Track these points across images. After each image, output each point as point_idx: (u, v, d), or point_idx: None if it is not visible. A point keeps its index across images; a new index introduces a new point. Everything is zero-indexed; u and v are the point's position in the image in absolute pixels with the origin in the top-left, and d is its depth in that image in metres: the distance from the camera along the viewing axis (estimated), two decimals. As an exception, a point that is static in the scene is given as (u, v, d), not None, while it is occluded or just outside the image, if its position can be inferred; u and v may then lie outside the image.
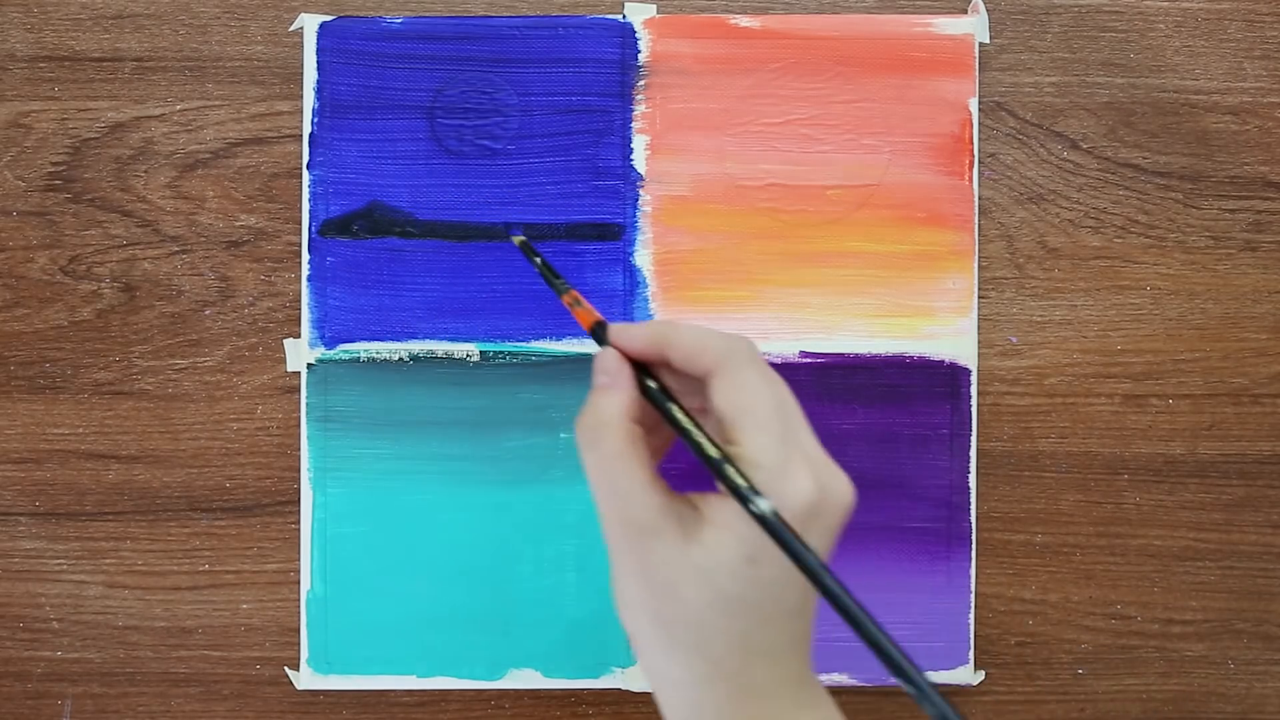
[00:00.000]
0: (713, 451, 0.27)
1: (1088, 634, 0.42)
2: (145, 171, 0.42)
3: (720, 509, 0.27)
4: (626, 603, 0.29)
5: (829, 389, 0.41)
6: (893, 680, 0.41)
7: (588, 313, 0.32)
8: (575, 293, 0.33)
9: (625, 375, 0.29)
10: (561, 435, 0.41)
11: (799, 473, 0.27)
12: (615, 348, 0.30)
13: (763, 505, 0.26)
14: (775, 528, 0.25)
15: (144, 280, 0.42)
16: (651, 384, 0.29)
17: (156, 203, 0.42)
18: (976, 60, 0.41)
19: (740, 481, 0.26)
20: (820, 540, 0.27)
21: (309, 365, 0.41)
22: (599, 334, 0.30)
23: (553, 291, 0.34)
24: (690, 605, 0.27)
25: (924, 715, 0.42)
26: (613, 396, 0.29)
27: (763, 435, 0.27)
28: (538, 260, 0.35)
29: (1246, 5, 0.42)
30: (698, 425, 0.28)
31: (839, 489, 0.28)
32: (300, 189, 0.42)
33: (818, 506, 0.27)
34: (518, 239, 0.38)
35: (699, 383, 0.29)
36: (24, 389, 0.42)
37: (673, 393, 0.29)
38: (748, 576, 0.27)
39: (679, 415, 0.28)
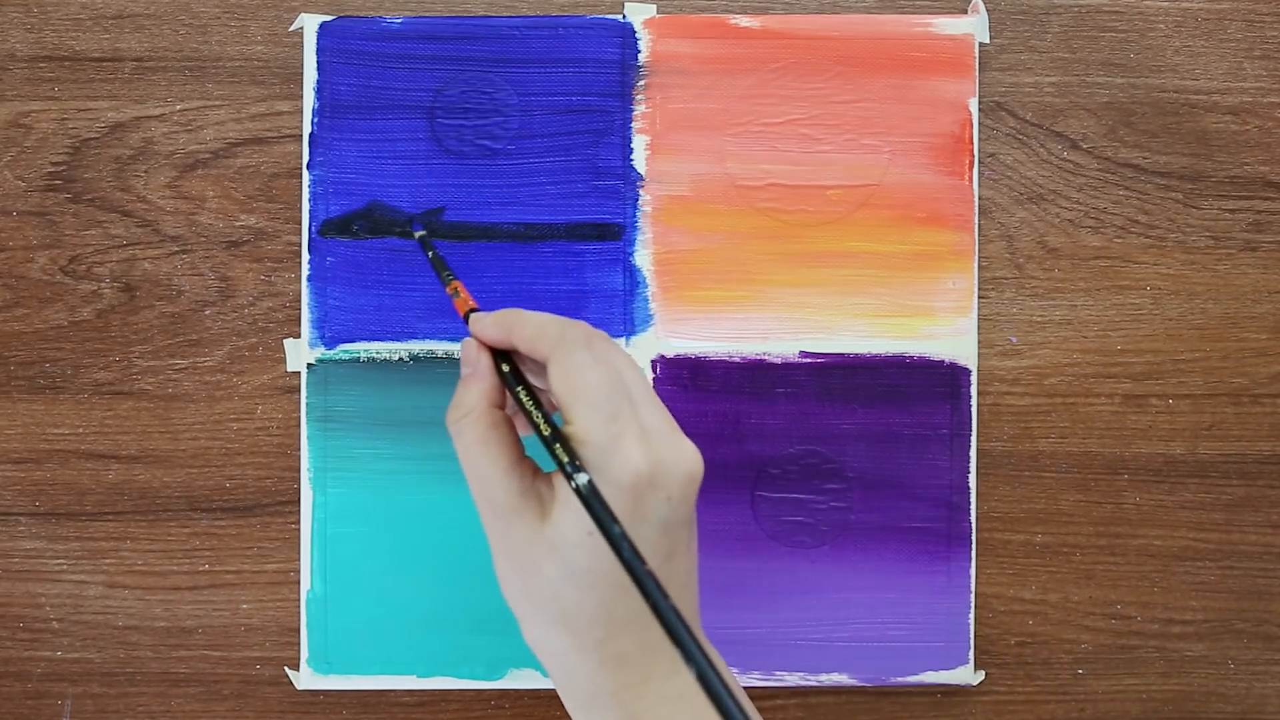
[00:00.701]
0: (544, 430, 0.29)
1: (1088, 634, 0.42)
2: (145, 171, 0.42)
3: (561, 485, 0.29)
4: (502, 581, 0.31)
5: (829, 389, 0.41)
6: (894, 680, 0.41)
7: (464, 302, 0.34)
8: (457, 283, 0.35)
9: (484, 363, 0.32)
10: (561, 435, 0.41)
11: (629, 447, 0.28)
12: (473, 335, 0.32)
13: (578, 480, 0.27)
14: (587, 500, 0.27)
15: (144, 280, 0.42)
16: (504, 368, 0.31)
17: (156, 203, 0.42)
18: (976, 60, 0.41)
19: (562, 457, 0.28)
20: (665, 509, 0.28)
21: (309, 365, 0.41)
22: (468, 320, 0.33)
23: (441, 281, 0.36)
24: (549, 580, 0.29)
25: (927, 714, 0.42)
26: (473, 385, 0.31)
27: (592, 413, 0.28)
28: (430, 254, 0.37)
29: (1246, 5, 0.42)
30: (536, 406, 0.30)
31: (679, 459, 0.29)
32: (300, 189, 0.42)
33: (652, 478, 0.28)
34: (419, 234, 0.40)
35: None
36: (24, 389, 0.42)
37: (525, 378, 0.31)
38: (592, 548, 0.28)
39: (522, 397, 0.30)
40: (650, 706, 0.30)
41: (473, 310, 0.33)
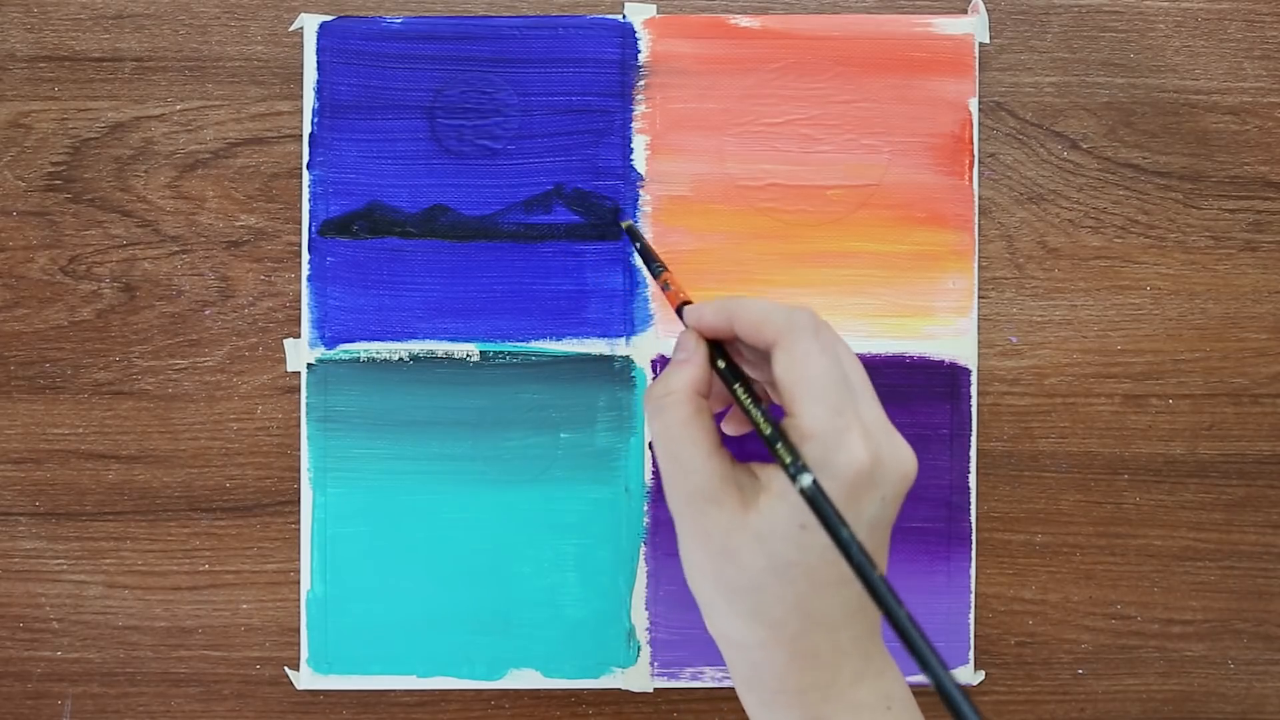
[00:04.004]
0: (765, 429, 0.28)
1: (1088, 634, 0.42)
2: (145, 171, 0.42)
3: (777, 477, 0.28)
4: (691, 568, 0.30)
5: (829, 389, 0.41)
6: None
7: (676, 294, 0.34)
8: (669, 274, 0.35)
9: (700, 352, 0.31)
10: (562, 435, 0.41)
11: (853, 442, 0.27)
12: (689, 326, 0.32)
13: (803, 480, 0.26)
14: (815, 501, 0.26)
15: (144, 280, 0.42)
16: (721, 363, 0.31)
17: (156, 203, 0.42)
18: (976, 60, 0.41)
19: (785, 458, 0.27)
20: (878, 509, 0.28)
21: (309, 365, 0.41)
22: (681, 314, 0.32)
23: (651, 273, 0.37)
24: (748, 570, 0.28)
25: (927, 714, 0.42)
26: (682, 370, 0.30)
27: (817, 405, 0.28)
28: (638, 244, 0.38)
29: (1246, 5, 0.42)
30: (755, 403, 0.29)
31: (898, 458, 0.28)
32: (300, 189, 0.42)
33: (872, 475, 0.27)
34: (626, 223, 0.40)
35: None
36: (24, 389, 0.42)
37: (743, 371, 0.31)
38: (801, 542, 0.27)
39: (739, 392, 0.30)
40: (836, 711, 0.29)
41: (686, 303, 0.33)
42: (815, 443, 0.27)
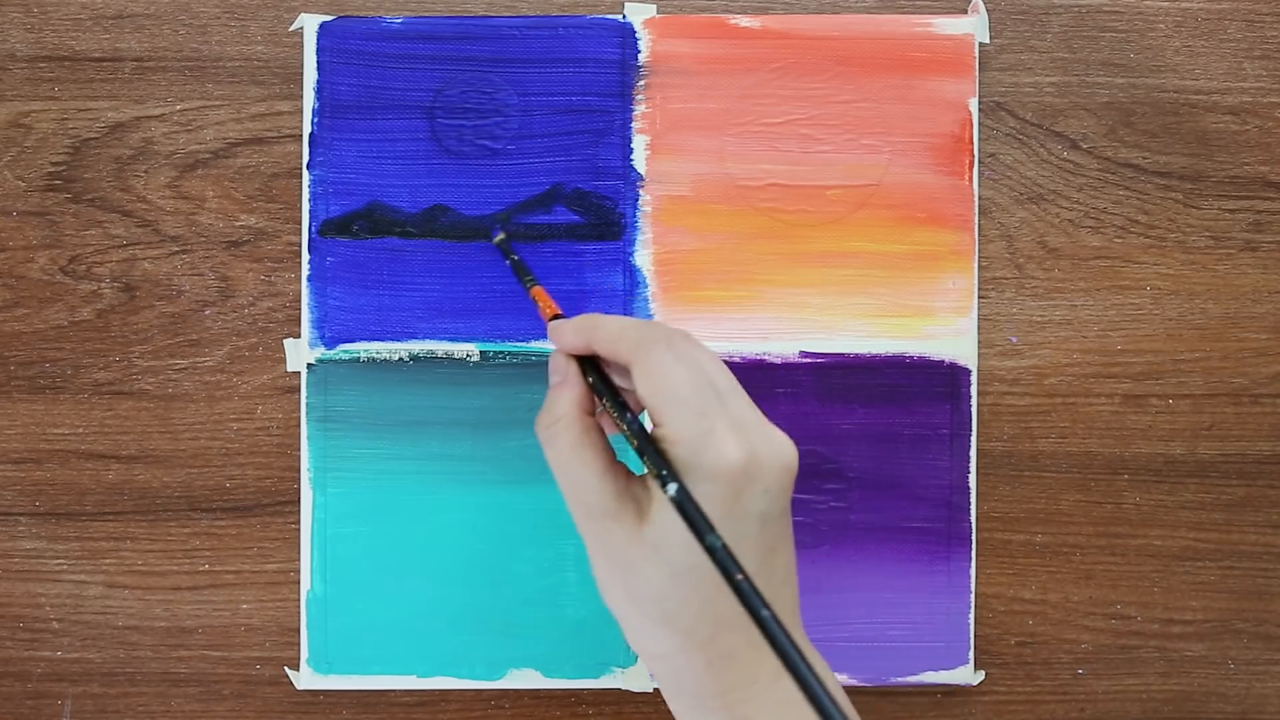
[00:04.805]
0: (633, 441, 0.29)
1: (1088, 634, 0.42)
2: (145, 171, 0.42)
3: (655, 485, 0.28)
4: (602, 585, 0.30)
5: (829, 389, 0.41)
6: (894, 680, 0.41)
7: (546, 307, 0.34)
8: (539, 289, 0.36)
9: (573, 372, 0.32)
10: (561, 435, 0.41)
11: (723, 441, 0.28)
12: (553, 343, 0.32)
13: (670, 490, 0.27)
14: (682, 506, 0.27)
15: (144, 280, 0.42)
16: (590, 379, 0.31)
17: (156, 203, 0.42)
18: (976, 60, 0.41)
19: (652, 469, 0.28)
20: (764, 502, 0.28)
21: (309, 365, 0.41)
22: (550, 329, 0.33)
23: (522, 286, 0.37)
24: (652, 581, 0.28)
25: (927, 714, 0.42)
26: (562, 393, 0.31)
27: (680, 411, 0.28)
28: (513, 258, 0.39)
29: (1246, 5, 0.42)
30: (622, 415, 0.30)
31: (774, 450, 0.28)
32: (300, 189, 0.42)
33: (748, 470, 0.28)
34: (498, 239, 0.40)
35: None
36: (24, 389, 0.42)
37: (612, 384, 0.31)
38: (693, 546, 0.27)
39: (608, 407, 0.30)
40: (759, 709, 0.29)
41: (555, 316, 0.33)
42: (683, 447, 0.28)
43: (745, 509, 0.28)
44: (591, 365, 0.32)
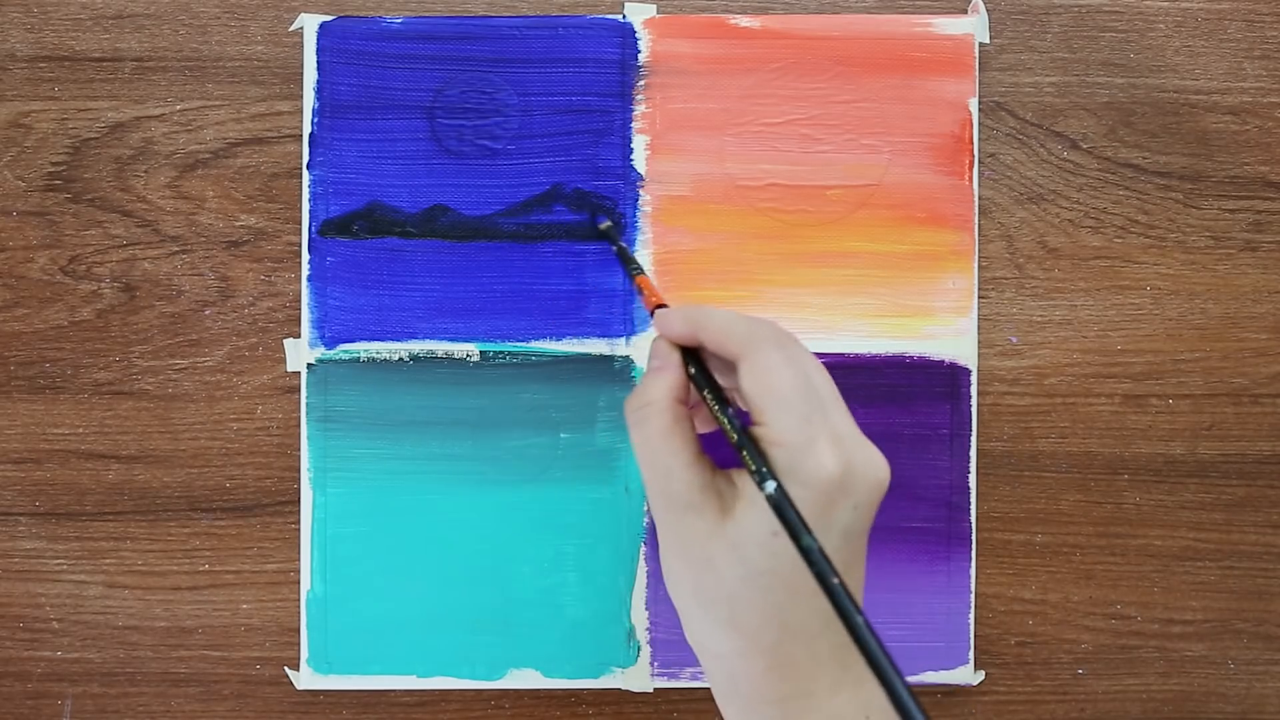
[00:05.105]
0: (733, 436, 0.28)
1: (1088, 634, 0.42)
2: (145, 171, 0.42)
3: (752, 484, 0.28)
4: (670, 577, 0.30)
5: (829, 389, 0.41)
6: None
7: (650, 297, 0.34)
8: (644, 278, 0.36)
9: (674, 360, 0.31)
10: (562, 435, 0.41)
11: (823, 450, 0.27)
12: (658, 331, 0.32)
13: (768, 487, 0.27)
14: (780, 507, 0.26)
15: (144, 280, 0.42)
16: (691, 369, 0.31)
17: (156, 203, 0.42)
18: (976, 60, 0.41)
19: (751, 465, 0.27)
20: (850, 517, 0.28)
21: (309, 365, 0.41)
22: (654, 317, 0.33)
23: (628, 274, 0.37)
24: (725, 579, 0.28)
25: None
26: (660, 378, 0.31)
27: (785, 415, 0.28)
28: (619, 246, 0.39)
29: (1246, 5, 0.42)
30: (724, 409, 0.29)
31: (869, 465, 0.28)
32: (300, 189, 0.42)
33: (843, 483, 0.27)
34: (604, 225, 0.40)
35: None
36: (24, 389, 0.42)
37: (713, 378, 0.31)
38: (774, 549, 0.27)
39: (708, 398, 0.30)
40: None
41: (659, 306, 0.33)
42: (783, 451, 0.27)
43: (832, 521, 0.27)
44: (693, 356, 0.31)
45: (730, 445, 0.28)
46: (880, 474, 0.28)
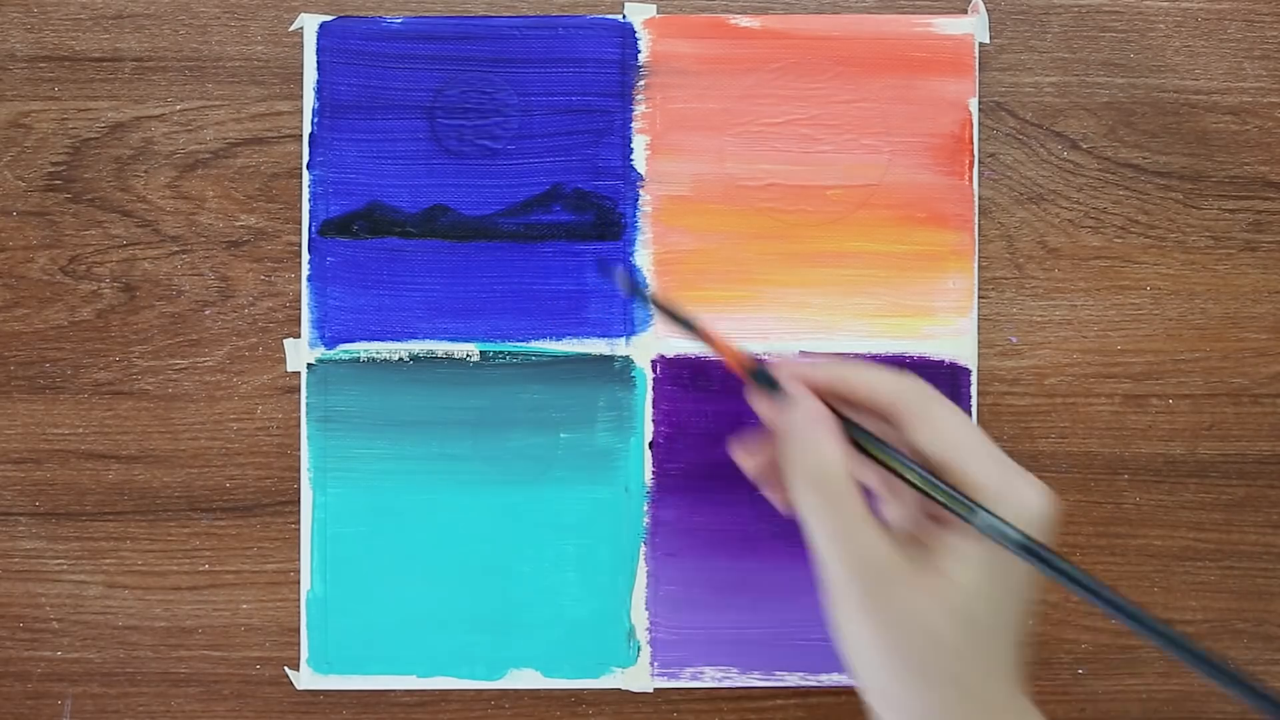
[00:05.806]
0: (923, 486, 0.29)
1: (1088, 634, 0.42)
2: (145, 171, 0.42)
3: (949, 540, 0.28)
4: (856, 643, 0.29)
5: (829, 389, 0.41)
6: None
7: (733, 353, 0.33)
8: (716, 335, 0.33)
9: (832, 422, 0.30)
10: (562, 435, 0.41)
11: (1023, 489, 0.28)
12: (790, 389, 0.31)
13: (1012, 535, 0.27)
14: (1037, 552, 0.27)
15: (144, 280, 0.42)
16: (862, 436, 0.30)
17: (156, 203, 0.42)
18: (976, 60, 0.41)
19: (996, 522, 0.28)
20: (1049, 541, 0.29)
21: (309, 365, 0.41)
22: (757, 374, 0.32)
23: (690, 332, 0.34)
24: (945, 640, 0.28)
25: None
26: (827, 444, 0.30)
27: (981, 463, 0.29)
28: (662, 310, 0.35)
29: (1246, 5, 0.42)
30: (905, 463, 0.30)
31: (1047, 504, 0.29)
32: (300, 189, 0.42)
33: (1048, 510, 0.29)
34: (644, 290, 0.39)
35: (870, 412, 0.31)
36: (24, 389, 0.42)
37: (874, 434, 0.31)
38: (995, 597, 0.28)
39: (889, 457, 0.30)
40: None
41: (757, 363, 0.32)
42: (987, 495, 0.28)
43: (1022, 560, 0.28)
44: (842, 416, 0.31)
45: (930, 499, 0.29)
46: (1051, 510, 0.29)
